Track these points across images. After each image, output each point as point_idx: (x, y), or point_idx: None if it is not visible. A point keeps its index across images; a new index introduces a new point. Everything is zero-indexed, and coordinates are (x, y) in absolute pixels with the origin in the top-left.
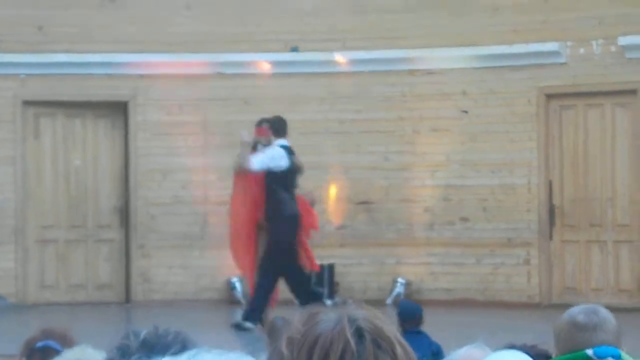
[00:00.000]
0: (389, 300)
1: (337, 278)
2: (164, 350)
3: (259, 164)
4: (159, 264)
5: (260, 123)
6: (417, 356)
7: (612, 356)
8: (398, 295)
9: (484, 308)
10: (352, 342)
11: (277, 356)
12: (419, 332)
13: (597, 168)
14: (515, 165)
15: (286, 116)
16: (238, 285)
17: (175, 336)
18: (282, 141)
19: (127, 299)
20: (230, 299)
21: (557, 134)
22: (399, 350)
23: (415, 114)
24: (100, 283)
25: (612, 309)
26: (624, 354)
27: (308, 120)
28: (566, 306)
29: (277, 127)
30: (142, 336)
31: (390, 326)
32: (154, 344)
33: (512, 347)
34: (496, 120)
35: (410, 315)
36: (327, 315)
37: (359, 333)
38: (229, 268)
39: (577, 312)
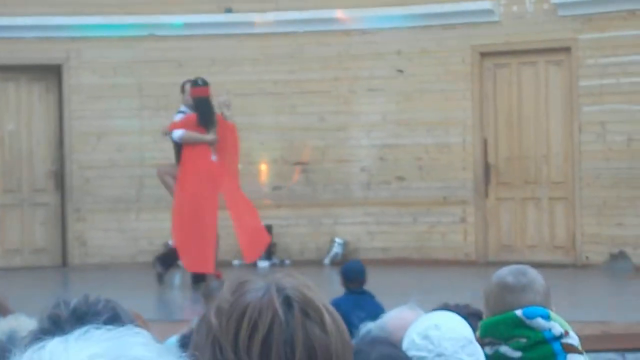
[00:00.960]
0: (326, 261)
1: (274, 239)
2: (95, 319)
3: None
4: (95, 228)
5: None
6: (362, 316)
7: (541, 316)
8: (336, 255)
9: (420, 266)
10: (281, 311)
11: (206, 325)
12: (363, 292)
13: (531, 126)
14: (450, 124)
15: (220, 77)
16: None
17: (106, 304)
18: None
19: (64, 263)
20: None
21: (492, 92)
22: (327, 319)
23: (350, 74)
24: (36, 247)
25: (547, 266)
26: (552, 314)
27: (242, 81)
28: (502, 263)
29: None
30: (72, 305)
31: (319, 295)
32: (85, 313)
33: (445, 306)
34: (431, 80)
35: (353, 275)
36: (256, 285)
37: (288, 302)
38: (165, 231)
39: (506, 273)
